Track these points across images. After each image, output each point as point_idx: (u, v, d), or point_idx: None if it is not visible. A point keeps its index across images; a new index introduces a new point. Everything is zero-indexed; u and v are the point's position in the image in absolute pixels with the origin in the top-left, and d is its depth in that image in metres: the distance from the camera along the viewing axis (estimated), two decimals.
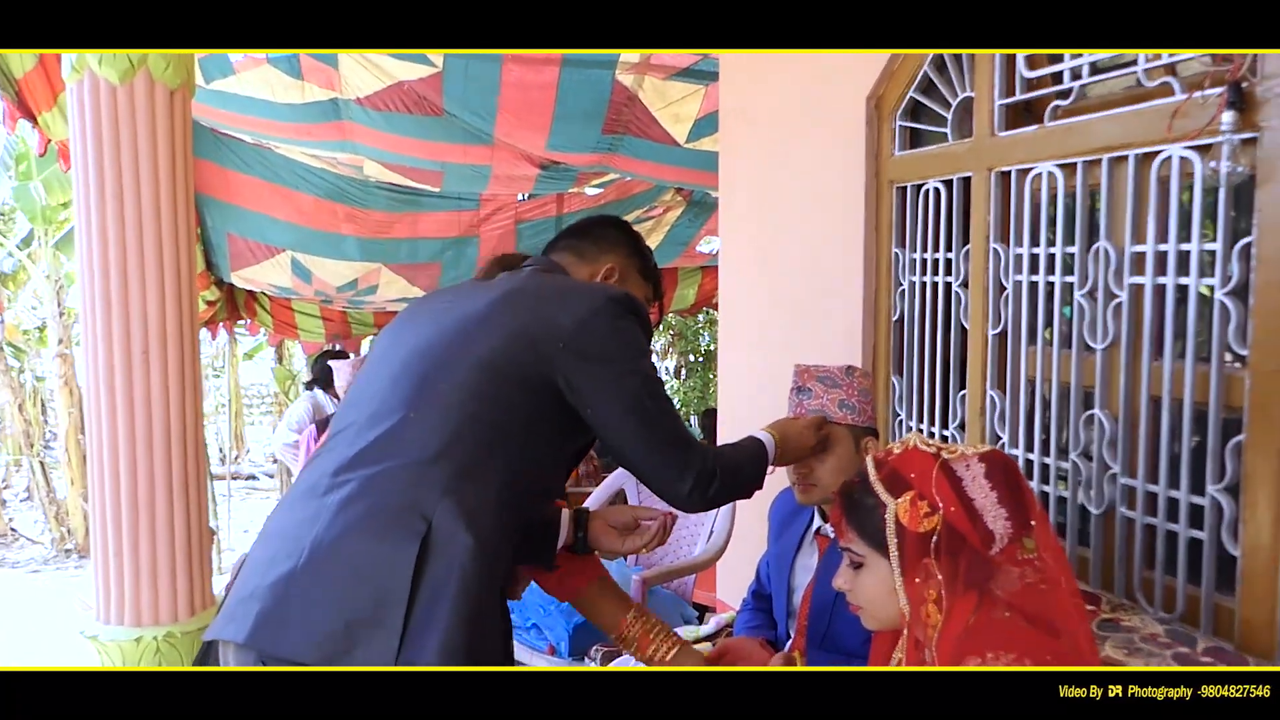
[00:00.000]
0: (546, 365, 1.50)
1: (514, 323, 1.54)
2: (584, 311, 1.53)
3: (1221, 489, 1.70)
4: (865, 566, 1.34)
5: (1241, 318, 1.65)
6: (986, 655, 1.18)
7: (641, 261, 1.85)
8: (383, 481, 1.44)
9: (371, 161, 5.16)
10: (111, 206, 2.50)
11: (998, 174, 2.16)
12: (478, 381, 1.49)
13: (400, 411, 1.49)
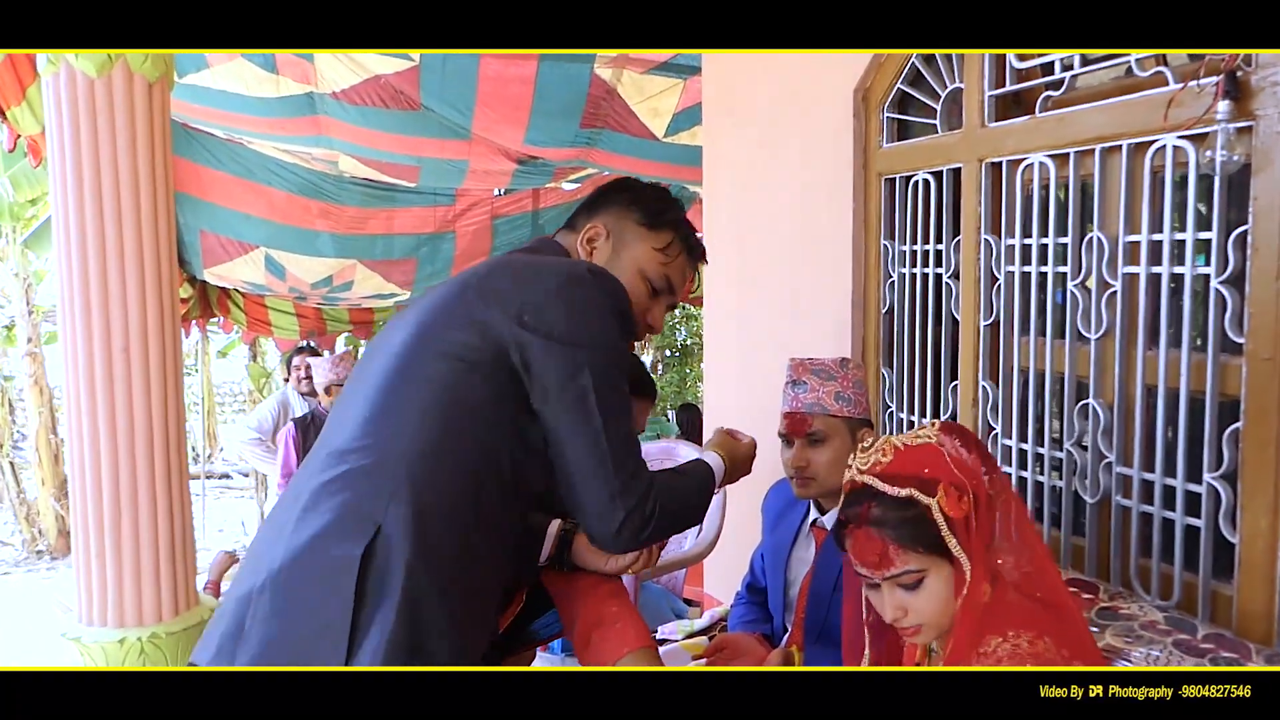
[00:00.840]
0: (502, 347, 1.36)
1: (473, 307, 1.40)
2: (540, 287, 1.39)
3: (1219, 476, 1.71)
4: (926, 577, 1.30)
5: (1238, 306, 1.66)
6: (1007, 633, 1.22)
7: (642, 212, 1.59)
8: (340, 489, 1.33)
9: (346, 157, 5.11)
10: (90, 201, 2.46)
11: (988, 165, 2.17)
12: (439, 374, 1.37)
13: (368, 417, 1.38)
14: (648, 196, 1.62)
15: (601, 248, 1.57)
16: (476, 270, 1.48)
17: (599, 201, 1.62)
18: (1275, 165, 1.57)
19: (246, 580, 1.33)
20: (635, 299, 1.53)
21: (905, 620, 1.32)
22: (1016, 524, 1.33)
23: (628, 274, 1.54)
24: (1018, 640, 1.21)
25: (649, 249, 1.57)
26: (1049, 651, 1.20)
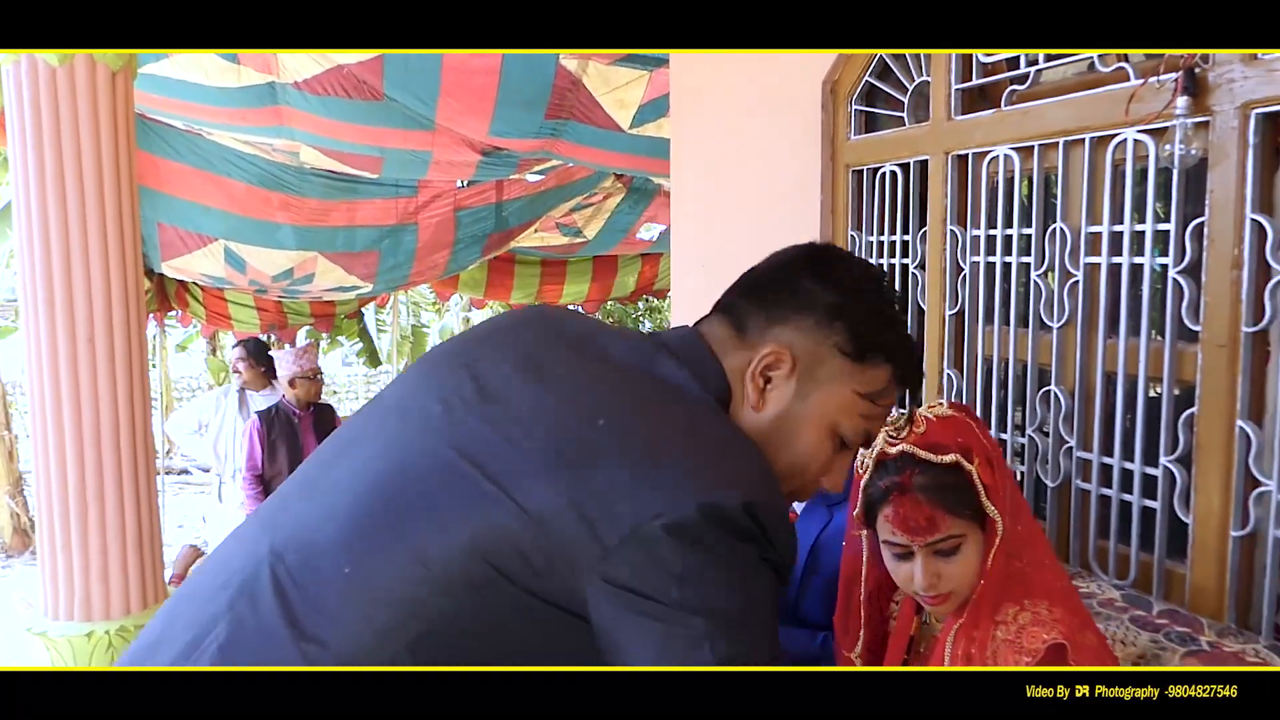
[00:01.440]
0: (567, 582, 0.89)
1: (548, 491, 0.90)
2: (662, 513, 0.87)
3: (1174, 460, 1.77)
4: (964, 543, 1.36)
5: (1194, 295, 1.72)
6: (1024, 602, 1.29)
7: (850, 335, 1.04)
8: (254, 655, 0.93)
9: (308, 148, 5.07)
10: (53, 191, 2.44)
11: (955, 157, 2.22)
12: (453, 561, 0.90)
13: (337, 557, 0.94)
14: (862, 306, 1.06)
15: (780, 386, 1.05)
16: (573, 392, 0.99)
17: (785, 295, 1.08)
18: (1231, 159, 1.63)
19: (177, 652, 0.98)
20: (810, 457, 1.07)
21: (937, 587, 1.35)
22: (1012, 495, 1.39)
23: (811, 426, 1.05)
24: (1036, 608, 1.28)
25: (850, 393, 1.05)
26: (1067, 619, 1.27)
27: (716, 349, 1.07)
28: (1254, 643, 1.51)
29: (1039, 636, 1.26)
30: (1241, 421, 1.64)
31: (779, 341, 1.05)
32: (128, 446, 2.54)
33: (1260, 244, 1.60)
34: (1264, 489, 1.63)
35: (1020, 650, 1.26)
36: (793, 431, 1.05)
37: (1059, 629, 1.26)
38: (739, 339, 1.07)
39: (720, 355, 1.06)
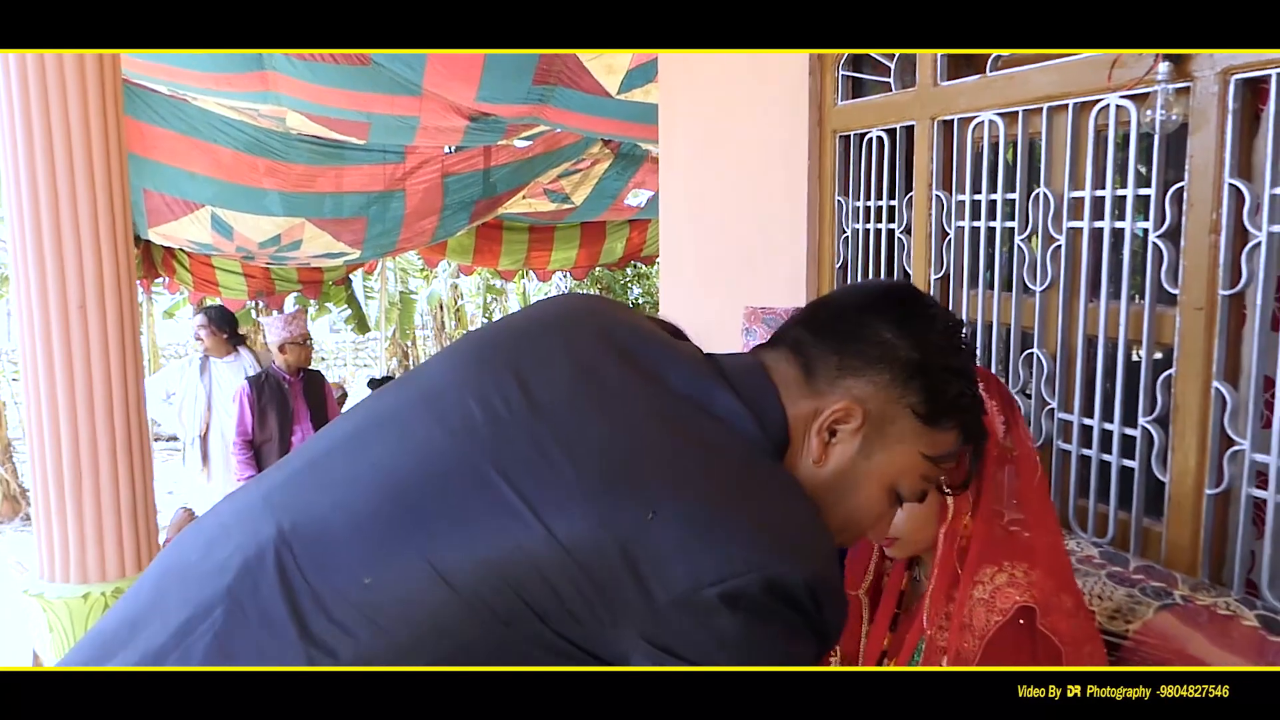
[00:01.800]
0: (610, 631, 0.84)
1: (589, 525, 0.84)
2: (720, 580, 0.82)
3: (1152, 420, 1.82)
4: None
5: (1173, 258, 1.75)
6: (1003, 564, 1.31)
7: (926, 396, 0.99)
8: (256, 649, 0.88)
9: (295, 113, 5.05)
10: (41, 156, 2.44)
11: (940, 123, 2.24)
12: (480, 589, 0.84)
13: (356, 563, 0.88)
14: (942, 365, 1.01)
15: (845, 441, 0.99)
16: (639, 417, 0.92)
17: (862, 344, 1.00)
18: (1210, 125, 1.66)
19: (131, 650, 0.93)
20: (864, 513, 1.04)
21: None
22: (1035, 487, 1.38)
23: (871, 484, 1.01)
24: (1013, 571, 1.30)
25: (917, 454, 1.01)
26: (1043, 582, 1.29)
27: (781, 391, 0.98)
28: (1226, 596, 1.56)
29: (1011, 598, 1.29)
30: (1217, 383, 1.69)
31: (851, 395, 0.98)
32: (120, 411, 2.56)
33: (1238, 208, 1.63)
34: (1238, 448, 1.67)
35: (992, 609, 1.29)
36: (851, 488, 1.00)
37: (1032, 592, 1.28)
38: (807, 384, 0.99)
39: (784, 398, 0.98)
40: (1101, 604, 1.60)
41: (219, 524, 0.98)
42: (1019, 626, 1.27)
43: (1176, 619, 1.52)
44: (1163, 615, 1.53)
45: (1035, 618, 1.27)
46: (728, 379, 0.97)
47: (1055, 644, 1.26)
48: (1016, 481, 1.38)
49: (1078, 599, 1.35)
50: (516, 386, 0.94)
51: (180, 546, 1.00)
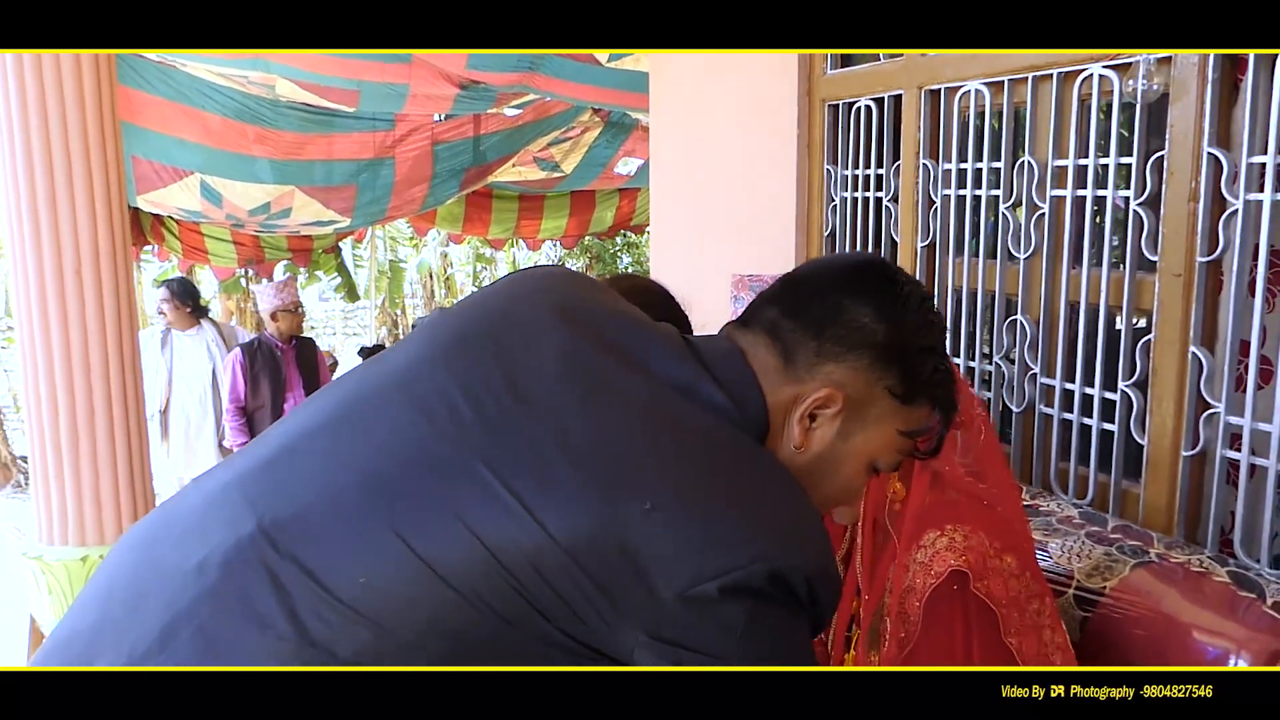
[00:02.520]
0: (612, 625, 0.86)
1: (586, 521, 0.85)
2: (717, 574, 0.84)
3: (1131, 384, 1.86)
4: None
5: (1153, 226, 1.79)
6: (945, 528, 1.33)
7: (901, 377, 1.01)
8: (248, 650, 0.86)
9: (284, 80, 5.03)
10: (36, 123, 2.45)
11: (927, 92, 2.27)
12: (475, 583, 0.85)
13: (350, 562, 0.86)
14: (918, 346, 1.02)
15: (826, 425, 1.01)
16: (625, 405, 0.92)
17: (840, 329, 1.00)
18: (1190, 94, 1.69)
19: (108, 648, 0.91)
20: (844, 490, 1.07)
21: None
22: (984, 446, 1.43)
23: (851, 462, 1.04)
24: (954, 534, 1.32)
25: (894, 432, 1.03)
26: (982, 545, 1.31)
27: (761, 377, 0.99)
28: (1199, 554, 1.61)
29: (946, 561, 1.30)
30: (1194, 347, 1.73)
31: (831, 381, 0.99)
32: (116, 375, 2.59)
33: (1216, 177, 1.67)
34: (1213, 411, 1.72)
35: (929, 572, 1.32)
36: (831, 469, 1.03)
37: (967, 556, 1.30)
38: (786, 370, 1.00)
39: (764, 384, 0.99)
40: (1081, 562, 1.65)
41: (193, 516, 0.94)
42: (952, 591, 1.29)
43: (1152, 576, 1.56)
44: (1138, 572, 1.58)
45: (969, 582, 1.28)
46: (708, 367, 0.98)
47: (989, 606, 1.28)
48: (970, 445, 1.42)
49: (1026, 559, 1.36)
50: (502, 379, 0.92)
51: (153, 542, 0.96)
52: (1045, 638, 1.31)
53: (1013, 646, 1.28)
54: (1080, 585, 1.60)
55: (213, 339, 5.41)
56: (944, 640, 1.30)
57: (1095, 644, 1.54)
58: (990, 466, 1.44)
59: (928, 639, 1.31)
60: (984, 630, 1.28)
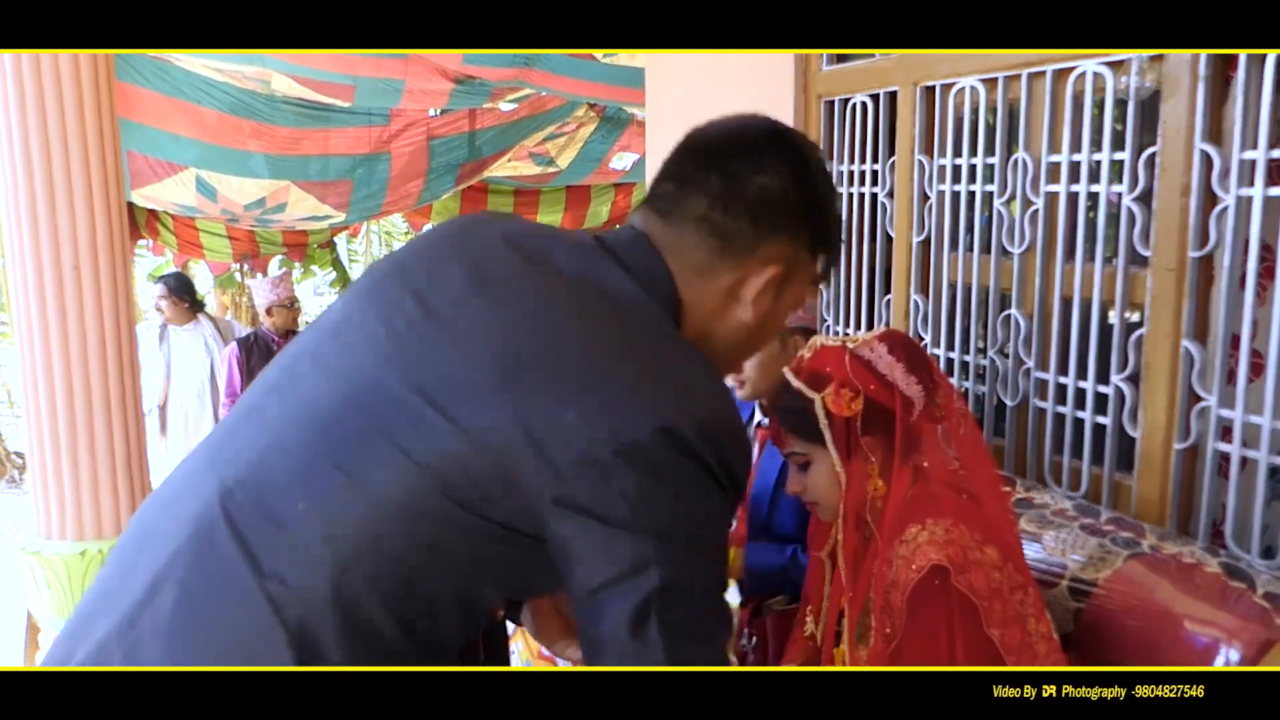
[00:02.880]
0: (524, 513, 0.93)
1: (493, 412, 0.92)
2: (614, 436, 0.90)
3: (1124, 378, 1.88)
4: (811, 464, 1.48)
5: (1146, 221, 1.80)
6: (926, 522, 1.34)
7: (814, 234, 1.11)
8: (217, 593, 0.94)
9: (280, 75, 5.04)
10: (34, 121, 2.45)
11: (922, 88, 2.28)
12: (397, 483, 0.93)
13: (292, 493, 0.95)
14: (828, 205, 1.13)
15: (767, 293, 1.09)
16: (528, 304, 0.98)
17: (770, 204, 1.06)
18: (1182, 91, 1.70)
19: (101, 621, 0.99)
20: (770, 335, 1.17)
21: (805, 496, 1.51)
22: (965, 438, 1.46)
23: (780, 315, 1.14)
24: (935, 528, 1.34)
25: (807, 282, 1.14)
26: (963, 538, 1.32)
27: (696, 274, 1.05)
28: (1191, 545, 1.63)
29: (927, 555, 1.32)
30: (1186, 341, 1.75)
31: (771, 258, 1.06)
32: (114, 370, 2.60)
33: (1207, 172, 1.68)
34: (1205, 404, 1.74)
35: (910, 567, 1.33)
36: (769, 326, 1.12)
37: (947, 550, 1.31)
38: (724, 256, 1.06)
39: (701, 280, 1.05)
40: (1074, 554, 1.67)
41: (173, 489, 1.05)
42: (934, 585, 1.30)
43: (1144, 567, 1.58)
44: (1131, 564, 1.59)
45: (949, 576, 1.30)
46: (617, 257, 1.04)
47: (971, 599, 1.29)
48: (950, 436, 1.44)
49: (1007, 550, 1.37)
50: (413, 299, 1.00)
51: (144, 515, 1.07)
52: (1029, 627, 1.33)
53: (995, 638, 1.29)
54: (1074, 577, 1.62)
55: (210, 334, 5.42)
56: (928, 633, 1.31)
57: (1088, 635, 1.56)
58: (972, 459, 1.46)
59: (912, 632, 1.32)
60: (966, 623, 1.29)
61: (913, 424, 1.43)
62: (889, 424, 1.42)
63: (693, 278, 1.06)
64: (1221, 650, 1.42)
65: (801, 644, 1.67)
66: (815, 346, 1.49)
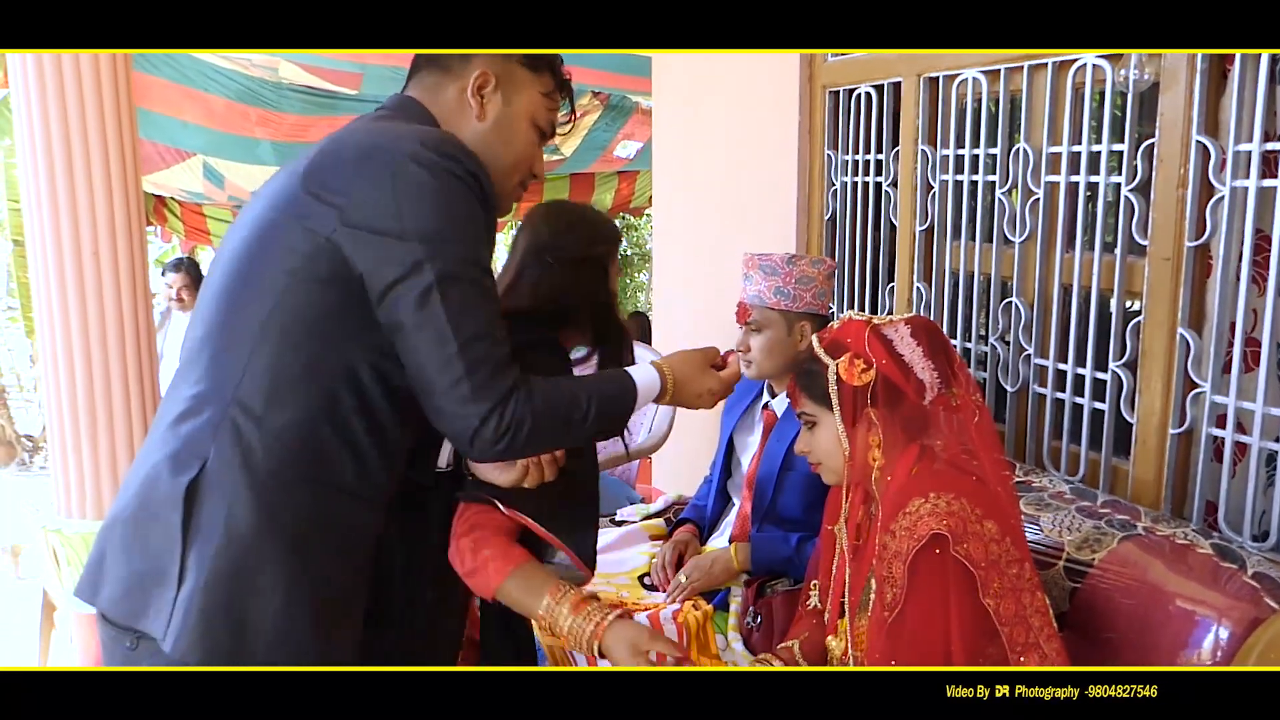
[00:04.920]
0: (333, 252, 1.20)
1: (301, 205, 1.23)
2: (370, 173, 1.21)
3: (1122, 365, 1.93)
4: (817, 425, 1.55)
5: (1143, 211, 1.85)
6: (929, 495, 1.39)
7: (522, 54, 1.41)
8: (180, 418, 1.23)
9: (287, 63, 5.06)
10: (54, 108, 2.49)
11: (926, 79, 2.32)
12: (273, 287, 1.22)
13: (203, 336, 1.27)
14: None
15: (491, 98, 1.39)
16: (309, 154, 1.29)
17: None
18: (1180, 84, 1.74)
19: (111, 510, 1.28)
20: (528, 150, 1.44)
21: (810, 456, 1.57)
22: (979, 427, 1.50)
23: (521, 123, 1.42)
24: (937, 501, 1.38)
25: (537, 94, 1.42)
26: (964, 510, 1.37)
27: (429, 93, 1.40)
28: (1184, 527, 1.67)
29: (928, 525, 1.37)
30: (1182, 329, 1.79)
31: (478, 68, 1.38)
32: (132, 352, 2.64)
33: (1204, 164, 1.73)
34: (1199, 390, 1.78)
35: (912, 536, 1.38)
36: (509, 128, 1.41)
37: (948, 521, 1.36)
38: (444, 74, 1.39)
39: (434, 94, 1.39)
40: (1071, 534, 1.71)
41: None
42: (934, 554, 1.35)
43: (1138, 548, 1.62)
44: (1125, 545, 1.64)
45: (949, 545, 1.35)
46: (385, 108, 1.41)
47: (969, 569, 1.34)
48: (965, 425, 1.49)
49: (1006, 524, 1.42)
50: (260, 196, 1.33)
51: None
52: (1024, 600, 1.37)
53: (990, 607, 1.34)
54: (1070, 557, 1.67)
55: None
56: (927, 602, 1.36)
57: (1084, 613, 1.61)
58: (983, 449, 1.50)
59: (912, 600, 1.37)
60: (962, 591, 1.34)
61: (925, 406, 1.48)
62: (898, 401, 1.47)
63: (434, 99, 1.39)
64: (1212, 628, 1.46)
65: (806, 618, 1.72)
66: (845, 318, 1.56)
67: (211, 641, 1.17)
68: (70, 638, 2.92)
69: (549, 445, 1.39)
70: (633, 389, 1.39)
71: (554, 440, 1.36)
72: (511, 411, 1.22)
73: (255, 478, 1.20)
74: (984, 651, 1.34)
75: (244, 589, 1.19)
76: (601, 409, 1.34)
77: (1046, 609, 1.42)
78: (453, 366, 1.19)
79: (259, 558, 1.19)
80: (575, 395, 1.32)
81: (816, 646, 1.65)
